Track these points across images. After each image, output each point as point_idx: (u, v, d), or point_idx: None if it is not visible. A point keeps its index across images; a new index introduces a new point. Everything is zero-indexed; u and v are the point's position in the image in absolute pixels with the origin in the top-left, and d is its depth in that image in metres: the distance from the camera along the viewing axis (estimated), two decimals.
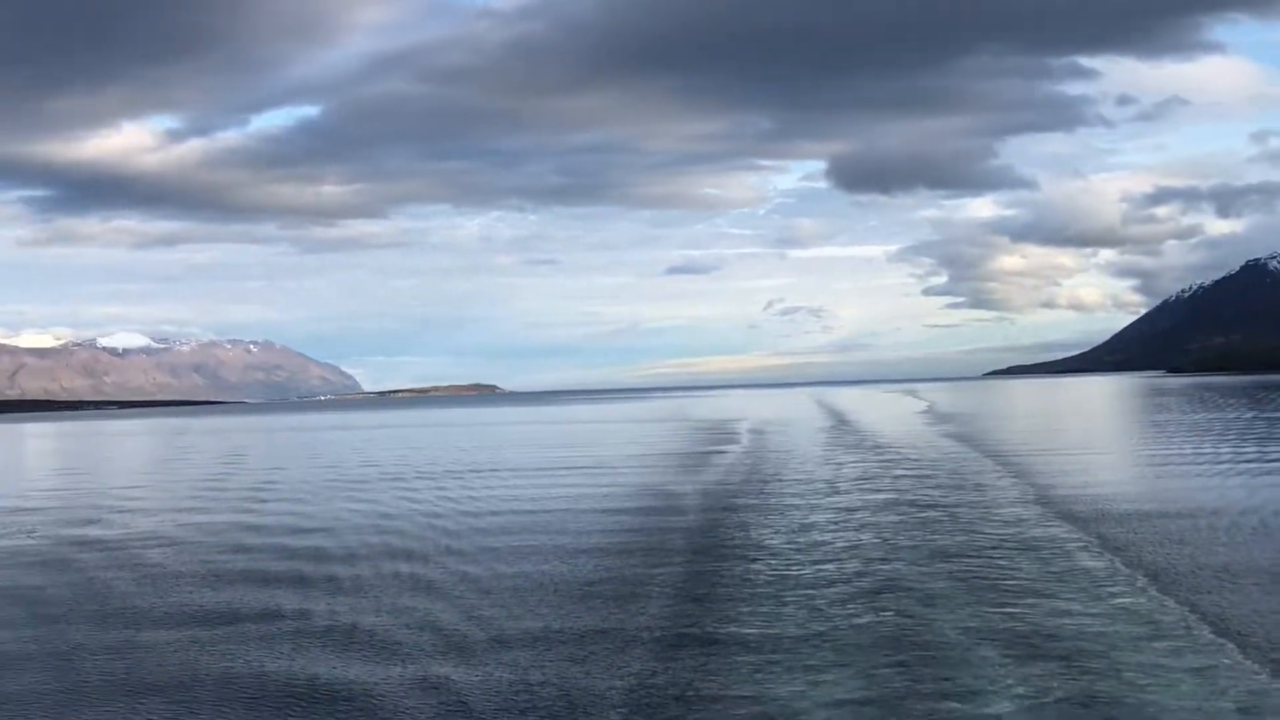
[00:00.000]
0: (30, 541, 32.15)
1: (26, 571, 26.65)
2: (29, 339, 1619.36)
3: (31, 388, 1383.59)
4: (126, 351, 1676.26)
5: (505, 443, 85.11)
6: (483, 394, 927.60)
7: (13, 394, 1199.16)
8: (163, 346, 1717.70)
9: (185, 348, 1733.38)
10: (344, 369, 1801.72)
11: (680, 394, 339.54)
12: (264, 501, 41.97)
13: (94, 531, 33.96)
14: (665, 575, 22.81)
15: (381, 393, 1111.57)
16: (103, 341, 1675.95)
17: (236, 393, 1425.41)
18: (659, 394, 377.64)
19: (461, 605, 20.67)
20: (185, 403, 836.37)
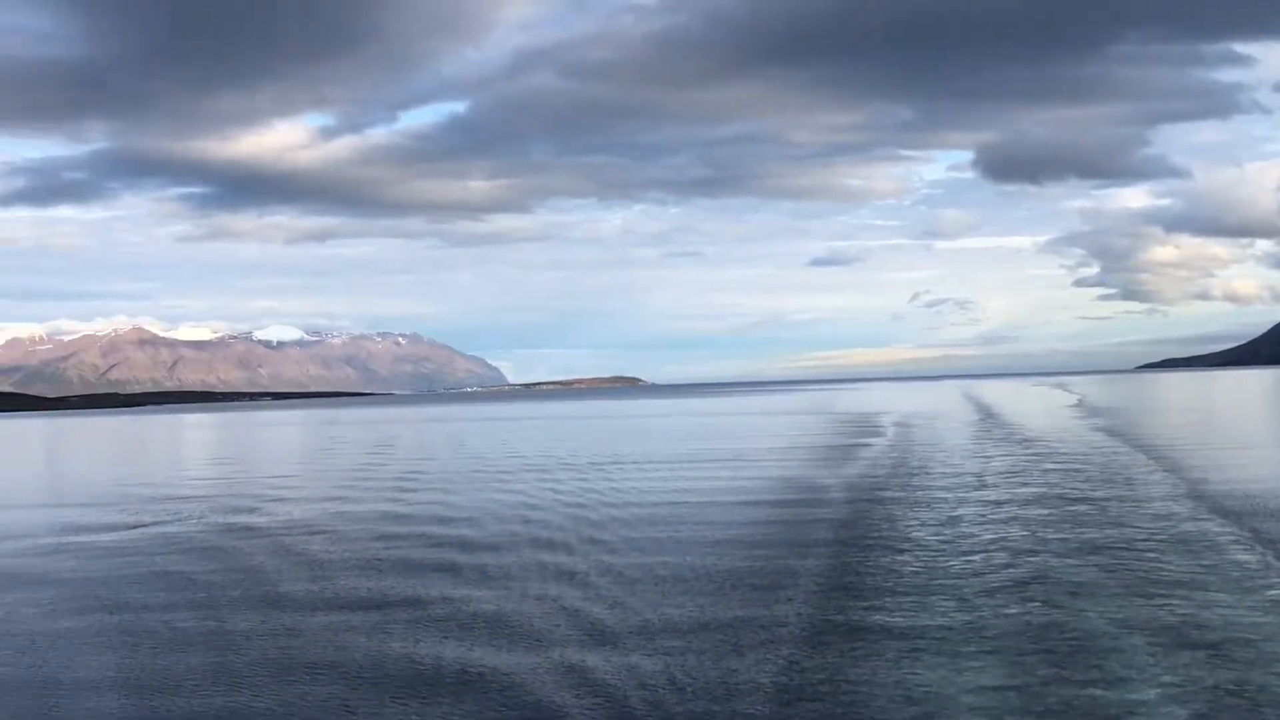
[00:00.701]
0: (189, 529, 33.27)
1: (186, 557, 27.57)
2: (187, 332, 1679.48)
3: (190, 379, 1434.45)
4: (280, 344, 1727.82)
5: (648, 434, 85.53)
6: (625, 386, 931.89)
7: (171, 385, 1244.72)
8: (315, 339, 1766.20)
9: (337, 340, 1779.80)
10: (490, 361, 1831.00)
11: (823, 387, 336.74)
12: (412, 491, 42.91)
13: (250, 519, 35.09)
14: (811, 566, 22.78)
15: (526, 385, 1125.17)
16: (258, 334, 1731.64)
17: (386, 384, 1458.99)
18: (801, 387, 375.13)
19: (606, 595, 20.85)
20: (337, 394, 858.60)
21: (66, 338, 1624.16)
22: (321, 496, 42.42)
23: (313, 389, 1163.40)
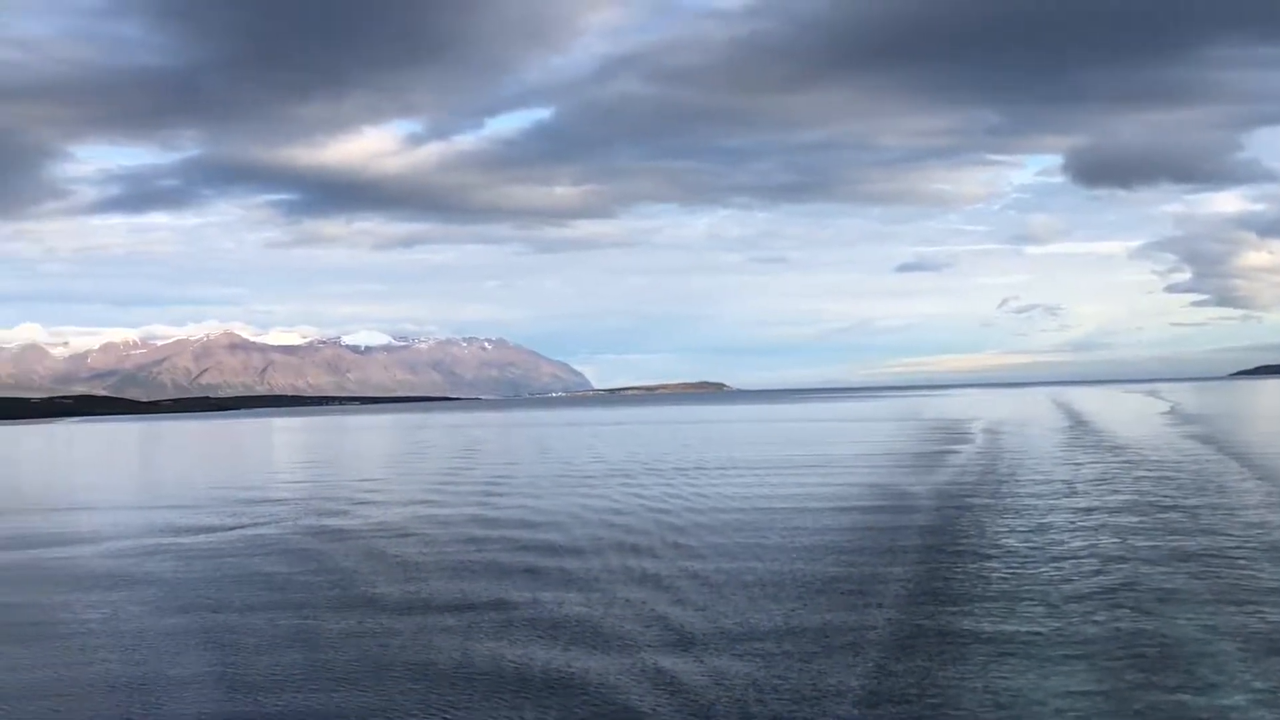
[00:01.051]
0: (282, 531, 33.93)
1: (280, 559, 28.12)
2: (277, 337, 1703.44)
3: (279, 384, 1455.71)
4: (368, 349, 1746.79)
5: (733, 440, 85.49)
6: (710, 391, 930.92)
7: (262, 390, 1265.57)
8: (402, 344, 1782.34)
9: (423, 345, 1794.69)
10: (574, 366, 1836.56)
11: (911, 393, 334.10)
12: (498, 495, 43.36)
13: (341, 522, 35.72)
14: (899, 573, 22.78)
15: (610, 390, 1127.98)
16: (346, 339, 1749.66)
17: (471, 389, 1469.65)
18: (889, 393, 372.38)
19: (691, 600, 20.95)
20: (424, 399, 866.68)
21: (160, 342, 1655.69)
22: (410, 500, 43.03)
23: (399, 394, 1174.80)
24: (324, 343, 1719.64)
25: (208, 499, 45.19)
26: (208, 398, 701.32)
